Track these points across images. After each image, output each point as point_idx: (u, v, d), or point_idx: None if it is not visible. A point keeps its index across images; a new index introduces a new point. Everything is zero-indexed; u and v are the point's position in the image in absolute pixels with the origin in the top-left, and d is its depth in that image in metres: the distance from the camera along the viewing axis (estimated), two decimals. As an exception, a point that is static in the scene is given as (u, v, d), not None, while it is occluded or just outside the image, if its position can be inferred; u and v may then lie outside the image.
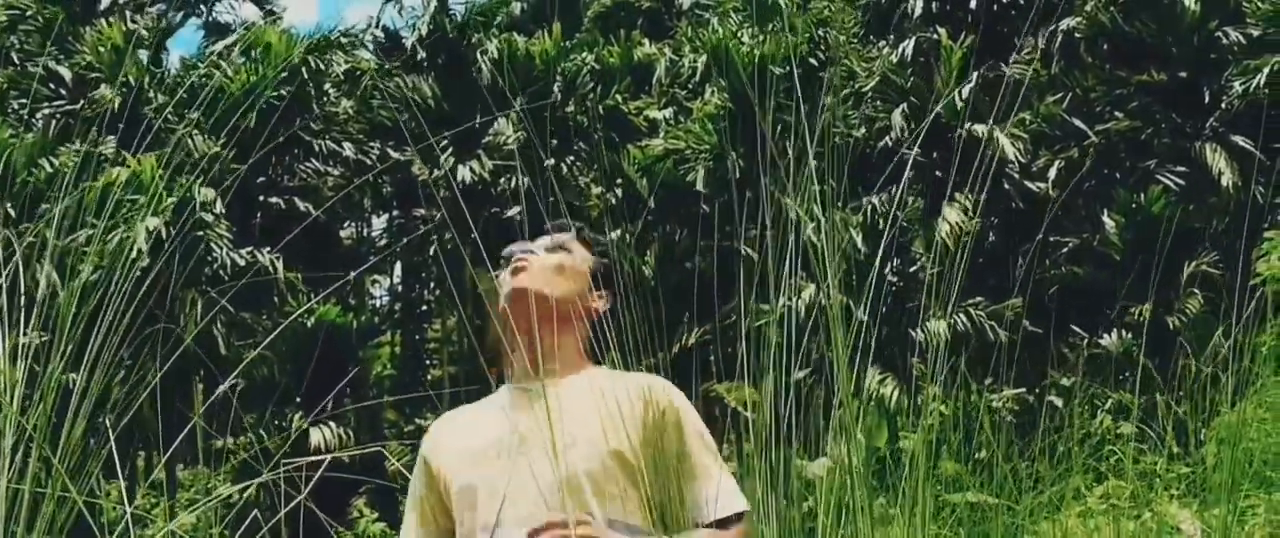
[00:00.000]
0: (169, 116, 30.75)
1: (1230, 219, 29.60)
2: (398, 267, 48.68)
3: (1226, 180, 29.53)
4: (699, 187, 33.35)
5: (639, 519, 3.06)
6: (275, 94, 33.08)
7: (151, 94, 33.80)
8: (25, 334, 2.66)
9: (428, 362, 50.53)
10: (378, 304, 49.67)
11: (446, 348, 45.84)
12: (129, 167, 24.21)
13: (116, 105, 32.10)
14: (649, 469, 3.07)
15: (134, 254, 2.85)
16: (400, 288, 51.07)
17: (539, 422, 3.14)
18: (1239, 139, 29.98)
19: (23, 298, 2.71)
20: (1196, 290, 27.96)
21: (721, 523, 3.10)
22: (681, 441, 3.15)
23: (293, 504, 2.96)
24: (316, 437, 32.15)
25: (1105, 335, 27.04)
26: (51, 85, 35.74)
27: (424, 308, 49.57)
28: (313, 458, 3.11)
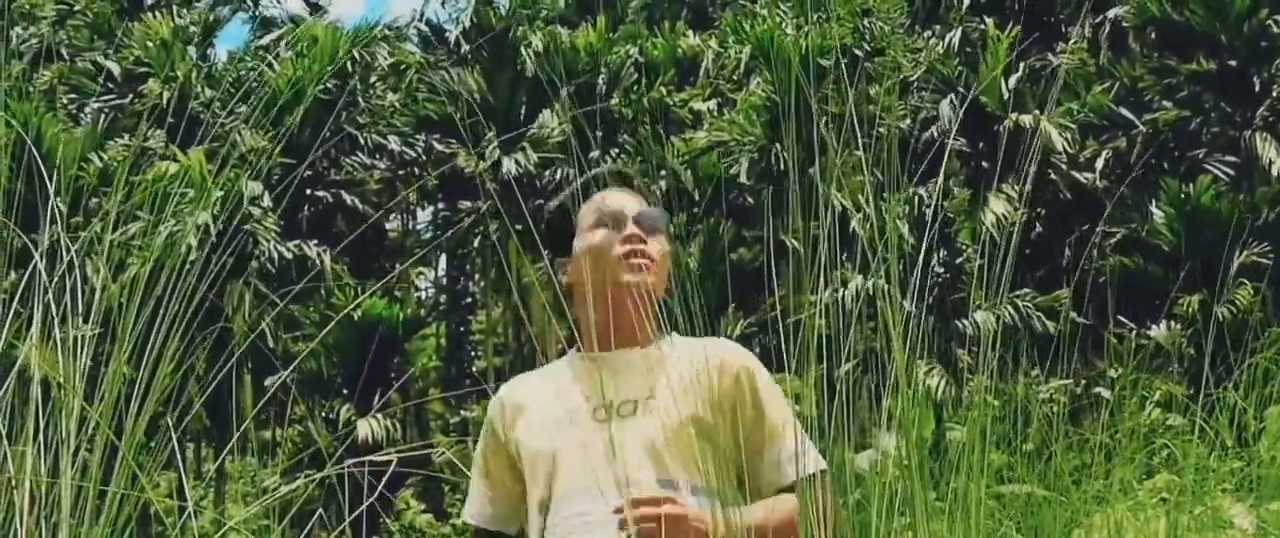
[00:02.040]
0: (217, 111, 30.95)
1: (1281, 208, 29.36)
2: (443, 259, 48.86)
3: (1277, 169, 29.27)
4: (743, 179, 33.32)
5: (720, 483, 3.01)
6: (322, 88, 33.23)
7: (199, 88, 34.01)
8: (83, 328, 2.68)
9: (473, 353, 50.69)
10: (423, 296, 49.86)
11: (491, 340, 45.97)
12: (178, 161, 24.41)
13: (165, 100, 32.32)
14: (726, 434, 3.07)
15: (185, 250, 2.88)
16: (445, 280, 51.25)
17: (618, 390, 3.16)
18: (1289, 128, 29.74)
19: (82, 294, 2.74)
20: (1247, 281, 27.73)
21: (790, 488, 3.08)
22: (758, 403, 3.15)
23: (359, 510, 2.99)
24: (364, 429, 32.32)
25: (1155, 327, 26.85)
26: (100, 80, 36.01)
27: (469, 300, 49.74)
28: (374, 457, 3.12)
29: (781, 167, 30.65)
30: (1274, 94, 30.23)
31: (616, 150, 37.95)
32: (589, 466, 3.09)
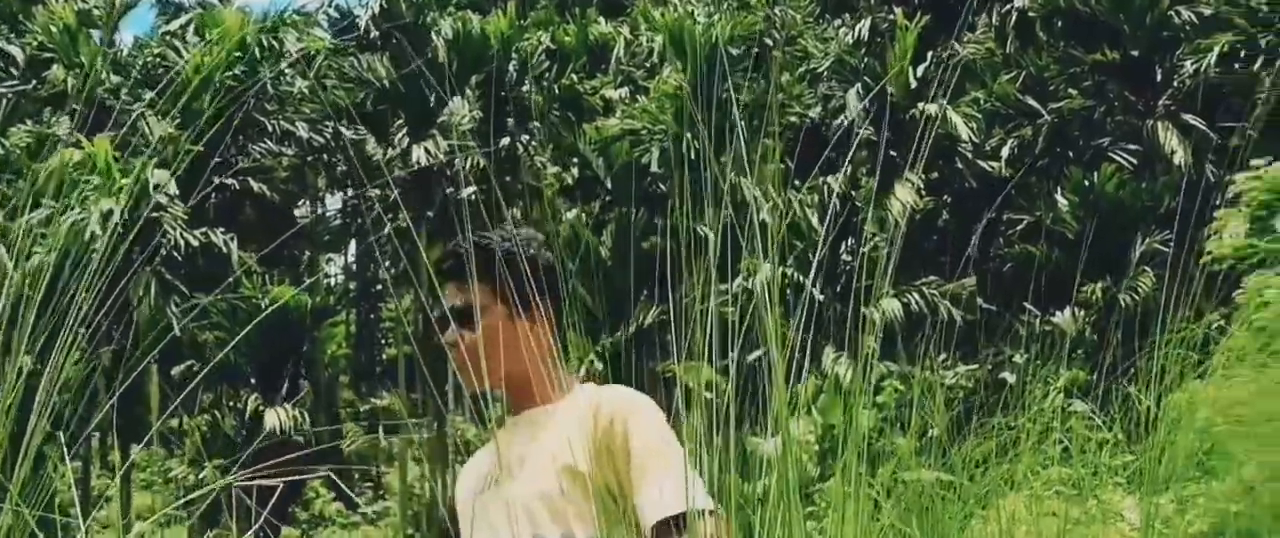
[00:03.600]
0: (123, 98, 30.47)
1: (1182, 197, 29.84)
2: (352, 246, 48.54)
3: (1178, 158, 29.75)
4: (654, 167, 33.33)
5: (601, 530, 3.07)
6: (229, 74, 32.84)
7: (105, 75, 33.51)
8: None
9: (383, 341, 50.43)
10: (332, 284, 49.52)
11: (401, 327, 45.73)
12: (83, 148, 24.05)
13: (69, 86, 31.81)
14: (605, 480, 3.10)
15: (88, 238, 2.85)
16: (355, 267, 50.93)
17: (514, 450, 3.25)
18: (1190, 117, 30.22)
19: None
20: (1148, 268, 28.19)
21: (663, 526, 3.01)
22: (627, 446, 3.12)
23: (267, 511, 2.98)
24: (272, 419, 32.03)
25: (1058, 313, 27.25)
26: (2, 65, 35.39)
27: (379, 287, 49.47)
28: (285, 458, 3.12)
29: (692, 156, 30.74)
30: (1176, 84, 30.72)
31: (527, 138, 37.85)
32: (486, 528, 3.25)
